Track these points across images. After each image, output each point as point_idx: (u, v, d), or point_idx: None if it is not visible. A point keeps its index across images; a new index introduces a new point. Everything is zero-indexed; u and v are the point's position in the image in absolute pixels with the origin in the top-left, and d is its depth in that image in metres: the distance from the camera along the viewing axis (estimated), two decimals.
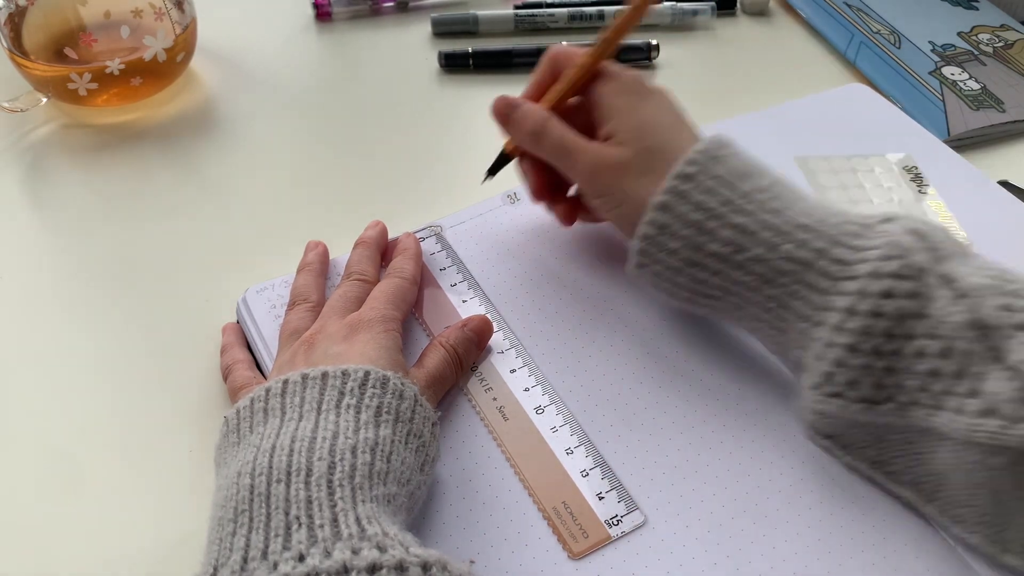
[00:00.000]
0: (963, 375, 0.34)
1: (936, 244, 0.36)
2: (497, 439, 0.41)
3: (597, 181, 0.42)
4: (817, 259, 0.37)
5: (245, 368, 0.43)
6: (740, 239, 0.38)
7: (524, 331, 0.45)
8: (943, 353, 0.34)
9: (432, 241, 0.50)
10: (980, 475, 0.34)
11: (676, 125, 0.42)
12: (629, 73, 0.44)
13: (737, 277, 0.38)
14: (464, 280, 0.48)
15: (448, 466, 0.40)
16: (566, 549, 0.37)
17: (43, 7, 0.57)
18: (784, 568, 0.36)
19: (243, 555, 0.30)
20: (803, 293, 0.37)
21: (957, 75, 0.64)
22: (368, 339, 0.39)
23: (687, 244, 0.39)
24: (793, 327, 0.38)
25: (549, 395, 0.42)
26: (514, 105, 0.45)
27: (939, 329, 0.34)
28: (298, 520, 0.30)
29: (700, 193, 0.39)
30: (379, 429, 0.34)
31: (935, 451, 0.35)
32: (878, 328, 0.35)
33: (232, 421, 0.36)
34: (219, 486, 0.34)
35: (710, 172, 0.39)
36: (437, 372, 0.41)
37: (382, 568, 0.28)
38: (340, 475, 0.32)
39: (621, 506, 0.38)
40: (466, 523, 0.38)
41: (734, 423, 0.41)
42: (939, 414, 0.34)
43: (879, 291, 0.35)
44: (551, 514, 0.38)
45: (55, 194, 0.55)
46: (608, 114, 0.43)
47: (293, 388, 0.36)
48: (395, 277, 0.44)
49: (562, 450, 0.40)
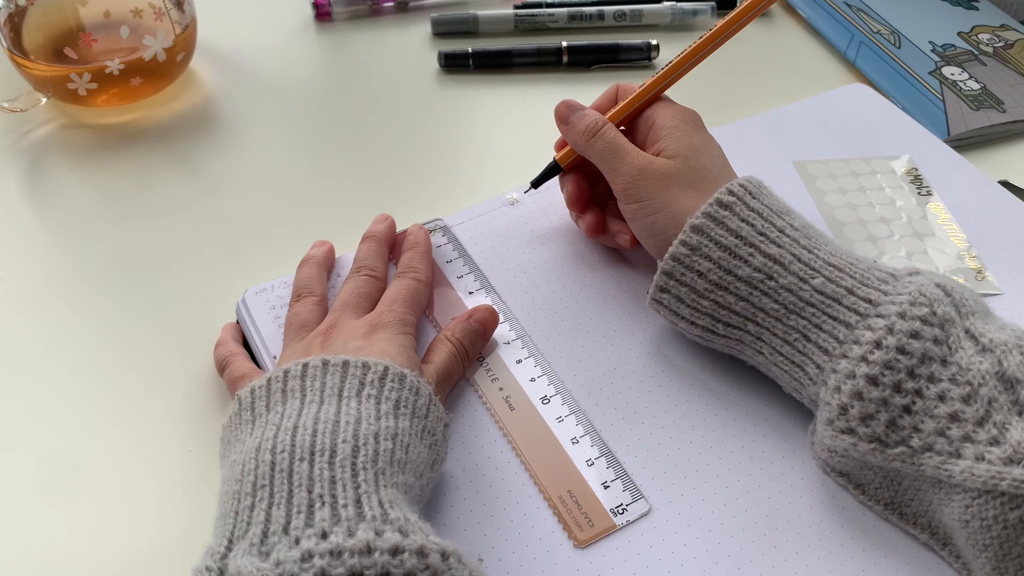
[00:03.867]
0: (985, 422, 0.34)
1: (961, 300, 0.37)
2: (503, 429, 0.41)
3: (639, 184, 0.43)
4: (846, 295, 0.38)
5: (243, 359, 0.43)
6: (772, 268, 0.39)
7: (530, 322, 0.45)
8: (966, 398, 0.34)
9: (439, 233, 0.50)
10: (991, 534, 0.33)
11: (723, 159, 0.45)
12: (685, 107, 0.47)
13: (764, 304, 0.39)
14: (471, 272, 0.48)
15: (456, 455, 0.40)
16: (572, 537, 0.37)
17: (43, 7, 0.57)
18: (785, 567, 0.36)
19: (263, 529, 0.30)
20: (829, 326, 0.37)
21: (957, 75, 0.64)
22: (388, 337, 0.40)
23: (718, 267, 0.39)
24: (813, 360, 0.38)
25: (555, 385, 0.43)
26: (576, 107, 0.47)
27: (963, 376, 0.35)
28: (321, 498, 0.31)
29: (736, 221, 0.40)
30: (398, 421, 0.35)
31: (944, 504, 0.35)
32: (903, 364, 0.35)
33: (246, 400, 0.36)
34: (232, 461, 0.34)
35: (748, 204, 0.40)
36: (445, 367, 0.41)
37: (404, 551, 0.29)
38: (364, 458, 0.32)
39: (626, 495, 0.38)
40: (473, 511, 0.38)
41: (736, 423, 0.41)
42: (957, 462, 0.34)
43: (907, 331, 0.36)
44: (557, 503, 0.38)
45: (55, 194, 0.55)
46: (663, 133, 0.44)
47: (313, 372, 0.36)
48: (409, 278, 0.44)
49: (568, 439, 0.40)
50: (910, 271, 0.39)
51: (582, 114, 0.46)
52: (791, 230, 0.40)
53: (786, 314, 0.38)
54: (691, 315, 0.41)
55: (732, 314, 0.40)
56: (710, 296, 0.40)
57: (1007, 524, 0.32)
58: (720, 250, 0.39)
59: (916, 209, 0.52)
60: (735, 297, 0.39)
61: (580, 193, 0.48)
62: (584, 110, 0.46)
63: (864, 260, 0.39)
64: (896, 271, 0.39)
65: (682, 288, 0.41)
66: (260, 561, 0.29)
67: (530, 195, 0.52)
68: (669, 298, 0.41)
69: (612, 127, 0.45)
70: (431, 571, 0.29)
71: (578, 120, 0.46)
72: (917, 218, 0.52)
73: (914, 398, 0.35)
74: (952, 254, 0.50)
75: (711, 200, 0.40)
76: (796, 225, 0.40)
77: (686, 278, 0.40)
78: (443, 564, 0.29)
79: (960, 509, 0.34)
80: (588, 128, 0.45)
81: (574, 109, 0.47)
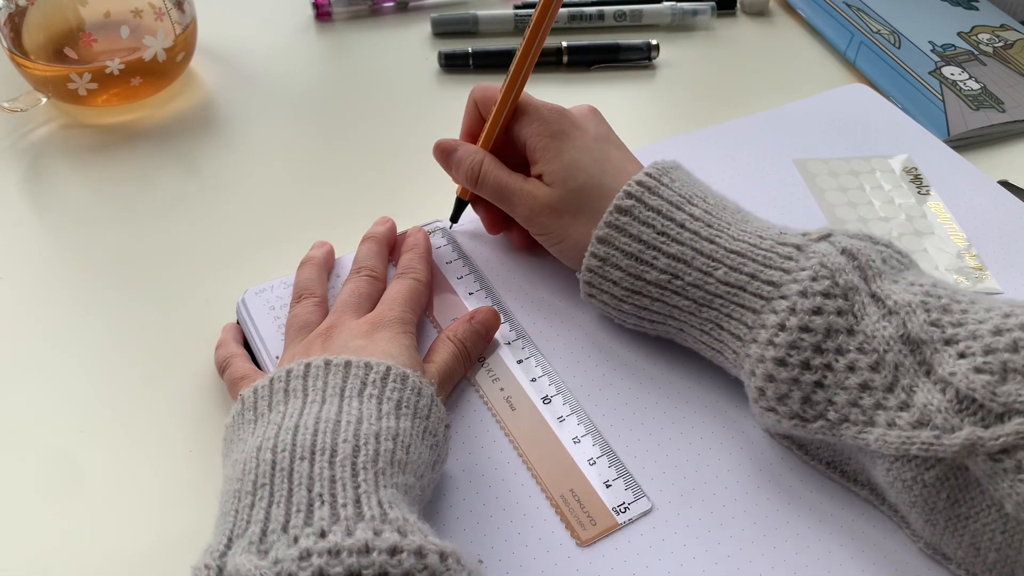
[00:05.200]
0: (894, 387, 0.34)
1: (867, 263, 0.37)
2: (505, 428, 0.41)
3: (535, 222, 0.44)
4: (750, 282, 0.38)
5: (244, 360, 0.43)
6: (676, 267, 0.40)
7: (530, 323, 0.46)
8: (873, 366, 0.35)
9: (439, 235, 0.50)
10: (913, 493, 0.34)
11: (602, 159, 0.44)
12: (549, 109, 0.45)
13: (675, 302, 0.40)
14: (471, 273, 0.48)
15: (457, 455, 0.40)
16: (574, 536, 0.37)
17: (43, 7, 0.57)
18: (784, 567, 0.36)
19: (262, 527, 0.30)
20: (737, 314, 0.38)
21: (957, 75, 0.64)
22: (389, 337, 0.40)
23: (628, 274, 0.41)
24: (728, 347, 0.39)
25: (556, 385, 0.43)
26: (452, 148, 0.47)
27: (869, 343, 0.35)
28: (321, 497, 0.31)
29: (637, 226, 0.40)
30: (399, 421, 0.35)
31: (871, 467, 0.36)
32: (807, 342, 0.36)
33: (249, 399, 0.36)
34: (234, 460, 0.34)
35: (647, 203, 0.41)
36: (447, 367, 0.41)
37: (402, 551, 0.29)
38: (364, 458, 0.32)
39: (628, 493, 0.38)
40: (474, 511, 0.38)
41: (737, 424, 0.41)
42: (871, 430, 0.34)
43: (808, 308, 0.36)
44: (559, 502, 0.38)
45: (55, 194, 0.55)
46: (535, 155, 0.44)
47: (315, 372, 0.36)
48: (409, 278, 0.44)
49: (569, 439, 0.40)
50: (819, 235, 0.39)
51: (460, 156, 0.46)
52: (692, 222, 0.40)
53: (697, 308, 0.40)
54: (619, 315, 0.43)
55: (652, 313, 0.41)
56: (629, 300, 0.41)
57: (925, 484, 0.33)
58: (626, 258, 0.41)
59: (915, 208, 0.52)
60: (649, 299, 0.41)
61: (493, 219, 0.48)
62: (460, 149, 0.46)
63: (769, 233, 0.40)
64: (802, 240, 0.39)
65: (604, 294, 0.42)
66: (259, 559, 0.29)
67: None
68: (597, 302, 0.43)
69: (490, 163, 0.45)
70: (429, 571, 0.29)
71: (458, 163, 0.46)
72: (917, 216, 0.52)
73: (824, 372, 0.36)
74: (952, 253, 0.50)
75: (610, 207, 0.41)
76: (697, 214, 0.40)
77: (604, 286, 0.42)
78: (441, 565, 0.29)
79: (883, 472, 0.35)
80: (469, 175, 0.46)
81: (449, 151, 0.47)
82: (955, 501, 0.33)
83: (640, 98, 0.65)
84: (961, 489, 0.33)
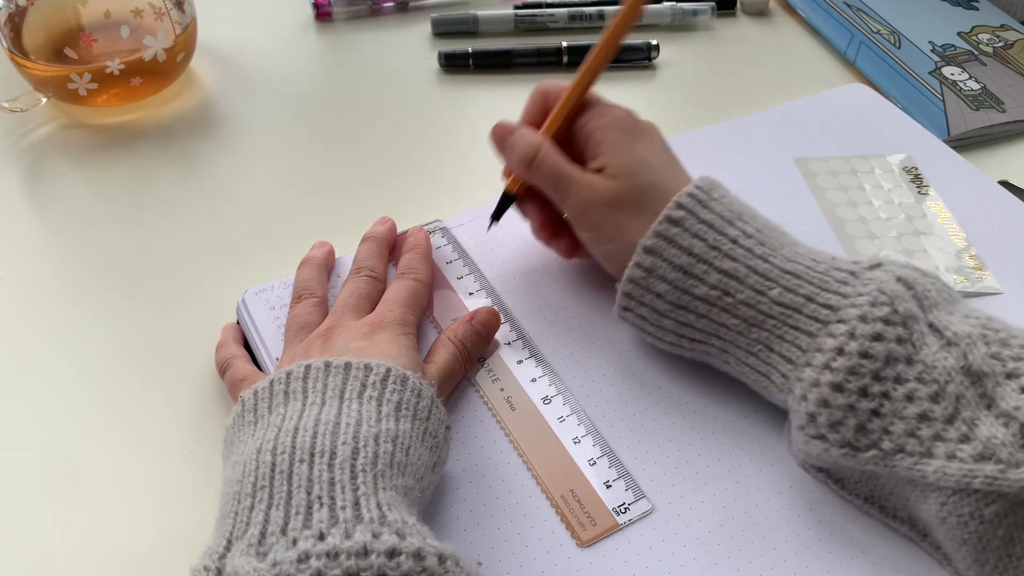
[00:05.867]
0: (954, 419, 0.33)
1: (923, 293, 0.36)
2: (505, 429, 0.41)
3: (589, 215, 0.42)
4: (806, 304, 0.37)
5: (244, 362, 0.43)
6: (728, 283, 0.38)
7: (530, 323, 0.46)
8: (933, 397, 0.34)
9: (439, 235, 0.50)
10: (968, 530, 0.33)
11: (668, 163, 0.43)
12: (619, 108, 0.44)
13: (724, 320, 0.39)
14: (470, 273, 0.48)
15: (457, 455, 0.40)
16: (574, 537, 0.37)
17: (43, 7, 0.57)
18: (784, 568, 0.36)
19: (261, 529, 0.30)
20: (791, 336, 0.37)
21: (957, 75, 0.64)
22: (389, 339, 0.40)
23: (674, 287, 0.39)
24: (777, 370, 0.38)
25: (556, 386, 0.43)
26: (510, 130, 0.45)
27: (929, 373, 0.34)
28: (320, 500, 0.31)
29: (688, 238, 0.39)
30: (399, 423, 0.35)
31: (920, 502, 0.35)
32: (867, 368, 0.35)
33: (249, 401, 0.36)
34: (234, 462, 0.34)
35: (698, 216, 0.39)
36: (447, 368, 0.41)
37: (401, 554, 0.29)
38: (363, 461, 0.32)
39: (628, 494, 0.38)
40: (475, 511, 0.38)
41: (735, 424, 0.41)
42: (929, 462, 0.33)
43: (868, 334, 0.35)
44: (559, 502, 0.38)
45: (55, 194, 0.55)
46: (600, 149, 0.42)
47: (315, 374, 0.36)
48: (409, 279, 0.44)
49: (569, 439, 0.40)
50: (872, 264, 0.38)
51: (518, 137, 0.44)
52: (744, 238, 0.39)
53: (747, 328, 0.38)
54: (655, 332, 0.41)
55: (695, 330, 0.40)
56: (671, 316, 0.40)
57: (983, 520, 0.32)
58: (675, 271, 0.39)
59: (915, 207, 0.52)
60: (695, 315, 0.39)
61: (545, 219, 0.45)
62: (518, 131, 0.44)
63: (823, 258, 0.39)
64: (856, 267, 0.38)
65: (643, 308, 0.40)
66: (257, 561, 0.29)
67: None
68: (632, 316, 0.41)
69: (550, 147, 0.43)
70: (427, 573, 0.29)
71: (514, 145, 0.44)
72: (916, 216, 0.52)
73: (882, 401, 0.35)
74: (952, 252, 0.50)
75: (660, 218, 0.39)
76: (749, 232, 0.39)
77: (645, 299, 0.40)
78: (440, 568, 0.29)
79: (936, 507, 0.34)
80: (525, 156, 0.43)
81: (509, 131, 0.45)
82: (1011, 539, 0.32)
83: (640, 98, 0.65)
84: (1019, 527, 0.32)
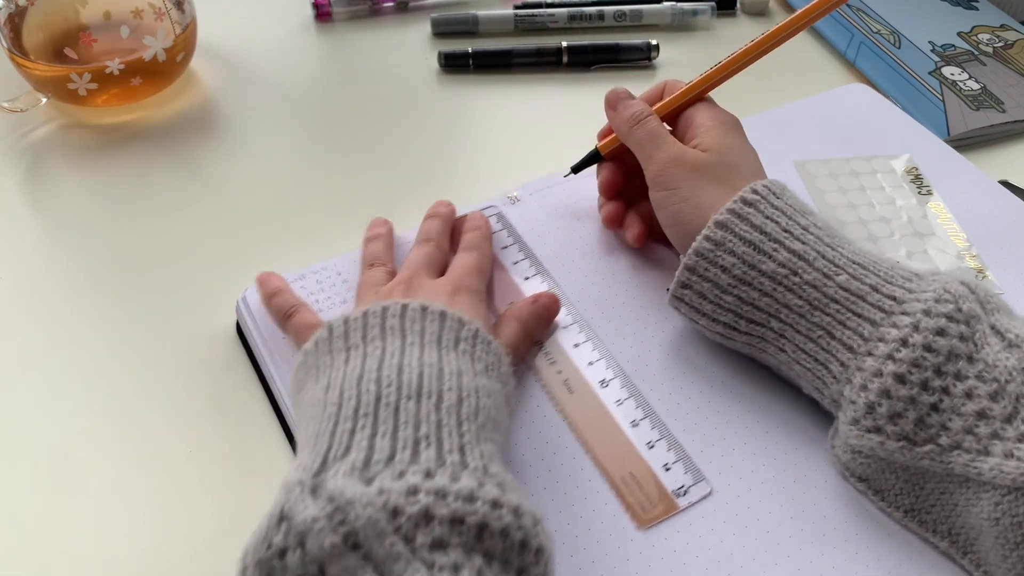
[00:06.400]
0: (1013, 419, 0.34)
1: (986, 297, 0.37)
2: (563, 411, 0.41)
3: (671, 172, 0.43)
4: (871, 292, 0.38)
5: (308, 310, 0.43)
6: (796, 263, 0.39)
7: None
8: (993, 395, 0.34)
9: (494, 220, 0.50)
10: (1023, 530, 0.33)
11: (756, 162, 0.45)
12: (726, 111, 0.47)
13: (788, 300, 0.39)
14: (526, 258, 0.48)
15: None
16: (635, 519, 0.37)
17: (43, 7, 0.57)
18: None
19: (366, 455, 0.30)
20: (854, 323, 0.37)
21: (957, 75, 0.64)
22: (471, 303, 0.41)
23: (742, 261, 0.39)
24: (837, 358, 0.38)
25: (613, 369, 0.43)
26: (624, 96, 0.48)
27: (990, 372, 0.35)
28: (427, 439, 0.31)
29: (761, 218, 0.40)
30: (491, 383, 0.35)
31: (972, 504, 0.35)
32: (930, 362, 0.35)
33: (339, 329, 0.36)
34: (325, 385, 0.34)
35: (771, 203, 0.40)
36: (513, 343, 0.41)
37: (503, 507, 0.29)
38: (467, 411, 0.33)
39: (687, 476, 0.39)
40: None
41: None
42: (986, 460, 0.34)
43: (933, 328, 0.36)
44: (619, 484, 0.39)
45: (55, 194, 0.55)
46: (700, 131, 0.45)
47: (412, 315, 0.36)
48: (476, 252, 0.45)
49: (627, 422, 0.41)
50: (934, 272, 0.39)
51: (629, 103, 0.47)
52: (815, 228, 0.40)
53: (810, 310, 0.38)
54: (713, 311, 0.41)
55: (755, 310, 0.40)
56: (733, 291, 0.40)
57: None
58: (744, 245, 0.39)
59: (916, 208, 0.52)
60: (759, 292, 0.39)
61: (613, 181, 0.49)
62: (633, 99, 0.48)
63: (887, 259, 0.40)
64: (919, 271, 0.39)
65: (705, 284, 0.40)
66: (364, 486, 0.28)
67: (531, 194, 0.52)
68: (691, 294, 0.41)
69: (655, 118, 0.46)
70: (523, 532, 0.29)
71: (624, 108, 0.47)
72: (917, 217, 0.52)
73: (942, 396, 0.35)
74: (952, 253, 0.50)
75: (736, 197, 0.40)
76: (819, 224, 0.40)
77: (709, 273, 0.40)
78: (534, 528, 0.29)
79: (990, 507, 0.34)
80: (632, 116, 0.46)
81: (622, 98, 0.47)
82: None
83: None
84: None
